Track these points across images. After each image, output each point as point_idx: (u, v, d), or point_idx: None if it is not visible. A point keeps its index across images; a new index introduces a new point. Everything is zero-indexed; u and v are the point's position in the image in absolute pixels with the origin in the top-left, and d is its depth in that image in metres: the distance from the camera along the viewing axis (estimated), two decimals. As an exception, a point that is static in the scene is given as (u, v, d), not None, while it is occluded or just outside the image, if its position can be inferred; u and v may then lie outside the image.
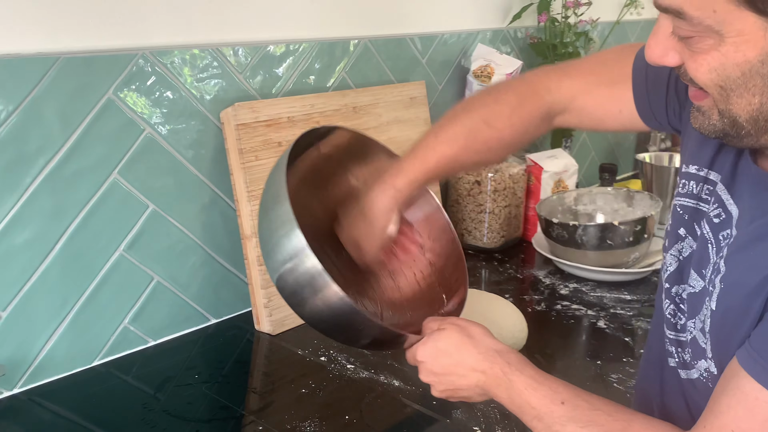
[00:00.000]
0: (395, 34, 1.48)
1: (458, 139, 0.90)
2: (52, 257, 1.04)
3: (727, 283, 0.67)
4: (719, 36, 0.59)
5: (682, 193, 0.78)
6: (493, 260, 1.53)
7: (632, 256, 1.43)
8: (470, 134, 0.91)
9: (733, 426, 0.62)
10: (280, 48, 1.27)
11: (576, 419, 0.71)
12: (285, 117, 1.23)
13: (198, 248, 1.21)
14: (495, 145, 0.91)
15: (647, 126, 0.86)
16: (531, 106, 0.92)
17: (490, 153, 0.92)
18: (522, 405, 0.75)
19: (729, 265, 0.67)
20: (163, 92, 1.12)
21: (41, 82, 0.99)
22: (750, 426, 0.61)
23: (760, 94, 0.60)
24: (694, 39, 0.60)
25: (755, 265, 0.64)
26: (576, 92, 0.91)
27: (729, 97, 0.62)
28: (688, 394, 0.76)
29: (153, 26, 1.11)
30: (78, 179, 1.04)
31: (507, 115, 0.91)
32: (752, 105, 0.61)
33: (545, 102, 0.92)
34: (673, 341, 0.78)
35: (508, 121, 0.91)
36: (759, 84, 0.59)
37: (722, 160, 0.74)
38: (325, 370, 1.10)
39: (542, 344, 1.18)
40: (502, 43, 1.73)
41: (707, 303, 0.70)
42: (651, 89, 0.83)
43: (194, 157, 1.18)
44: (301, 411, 0.99)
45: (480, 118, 0.91)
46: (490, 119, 0.91)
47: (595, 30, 1.88)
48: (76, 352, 1.09)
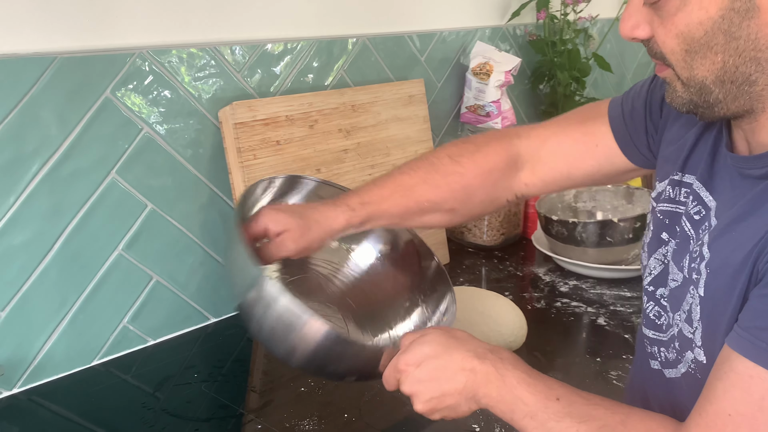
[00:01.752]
0: (394, 32, 1.48)
1: (419, 169, 0.91)
2: (51, 257, 1.04)
3: (713, 267, 0.67)
4: None
5: (661, 199, 0.79)
6: (493, 258, 1.52)
7: (632, 253, 1.43)
8: (431, 166, 0.91)
9: (731, 409, 0.60)
10: (278, 46, 1.27)
11: (573, 414, 0.68)
12: (283, 116, 1.23)
13: (197, 247, 1.21)
14: (456, 184, 0.90)
15: (626, 158, 0.87)
16: (497, 146, 0.92)
17: (450, 194, 0.91)
18: (514, 402, 0.71)
19: (713, 249, 0.67)
20: (161, 91, 1.12)
21: (38, 82, 0.98)
22: (747, 407, 0.59)
23: (723, 51, 0.61)
24: (662, 1, 0.62)
25: (738, 243, 0.64)
26: (547, 135, 0.92)
27: (694, 61, 0.63)
28: (673, 395, 0.75)
29: (150, 25, 1.10)
30: (76, 179, 1.04)
31: (471, 151, 0.92)
32: (716, 64, 0.62)
33: (513, 145, 0.92)
34: (654, 341, 0.78)
35: (471, 158, 0.91)
36: (721, 41, 0.61)
37: (695, 161, 0.75)
38: (325, 369, 1.10)
39: (542, 341, 1.18)
40: (501, 41, 1.72)
41: (692, 292, 0.70)
42: (629, 121, 0.85)
43: (192, 156, 1.18)
44: (300, 410, 0.99)
45: (445, 153, 0.92)
46: (454, 154, 0.92)
47: (594, 27, 1.88)
48: (75, 351, 1.09)
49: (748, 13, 0.59)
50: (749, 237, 0.63)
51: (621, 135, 0.87)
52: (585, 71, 1.78)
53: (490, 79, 1.55)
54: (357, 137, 1.34)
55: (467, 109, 1.60)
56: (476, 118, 1.59)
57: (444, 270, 0.96)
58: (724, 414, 0.60)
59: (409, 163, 0.92)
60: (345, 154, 1.31)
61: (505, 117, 1.57)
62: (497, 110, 1.56)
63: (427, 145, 1.46)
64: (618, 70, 2.11)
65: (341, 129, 1.31)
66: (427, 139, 1.46)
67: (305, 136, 1.25)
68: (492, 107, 1.56)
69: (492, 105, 1.56)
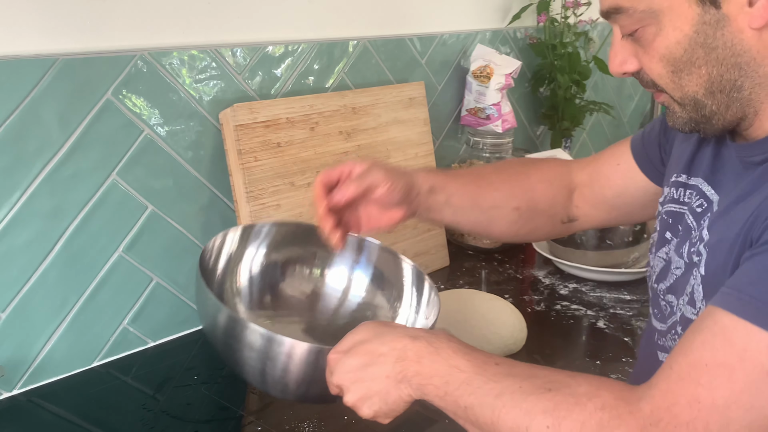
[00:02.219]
0: (394, 35, 1.48)
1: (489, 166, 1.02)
2: (52, 258, 1.04)
3: (711, 245, 0.68)
4: (657, 19, 0.65)
5: (666, 201, 0.82)
6: (493, 260, 1.53)
7: (632, 256, 1.43)
8: (500, 166, 1.01)
9: (709, 359, 0.57)
10: (279, 49, 1.27)
11: (514, 374, 0.63)
12: (284, 118, 1.23)
13: (197, 249, 1.21)
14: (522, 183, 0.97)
15: (643, 175, 0.92)
16: (556, 164, 1.01)
17: (517, 190, 0.96)
18: (449, 371, 0.65)
19: (712, 231, 0.69)
20: (162, 93, 1.12)
21: (40, 83, 0.99)
22: (727, 357, 0.56)
23: (705, 64, 0.65)
24: (639, 32, 0.67)
25: (734, 220, 0.65)
26: (589, 161, 1.00)
27: (681, 80, 0.67)
28: None
29: (152, 27, 1.11)
30: (77, 180, 1.05)
31: (534, 161, 1.03)
32: (702, 77, 0.66)
33: (568, 166, 1.01)
34: (663, 332, 0.78)
35: (534, 165, 1.01)
36: (701, 54, 0.65)
37: (699, 162, 0.78)
38: (325, 371, 1.10)
39: (542, 344, 1.18)
40: (501, 44, 1.73)
41: (694, 273, 0.71)
42: (646, 138, 0.92)
43: (193, 158, 1.18)
44: (300, 411, 0.99)
45: (511, 160, 1.06)
46: (519, 161, 1.04)
47: (594, 30, 1.88)
48: (75, 353, 1.09)
49: (719, 23, 0.63)
50: (745, 213, 0.64)
51: (638, 151, 0.92)
52: (585, 74, 1.78)
53: (491, 82, 1.55)
54: (357, 139, 1.34)
55: (467, 111, 1.60)
56: (477, 121, 1.59)
57: (423, 273, 0.95)
58: (701, 364, 0.57)
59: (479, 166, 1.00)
60: (346, 157, 1.32)
61: (505, 120, 1.58)
62: (497, 113, 1.56)
63: (428, 148, 1.46)
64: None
65: (342, 131, 1.32)
66: (427, 142, 1.46)
67: (306, 139, 1.26)
68: (492, 110, 1.56)
69: (492, 108, 1.56)
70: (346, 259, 1.01)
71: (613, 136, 2.18)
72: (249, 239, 0.97)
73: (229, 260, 0.96)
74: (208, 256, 0.91)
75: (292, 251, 1.01)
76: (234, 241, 0.96)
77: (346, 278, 1.02)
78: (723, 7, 0.63)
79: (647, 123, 2.25)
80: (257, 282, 0.98)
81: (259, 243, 0.98)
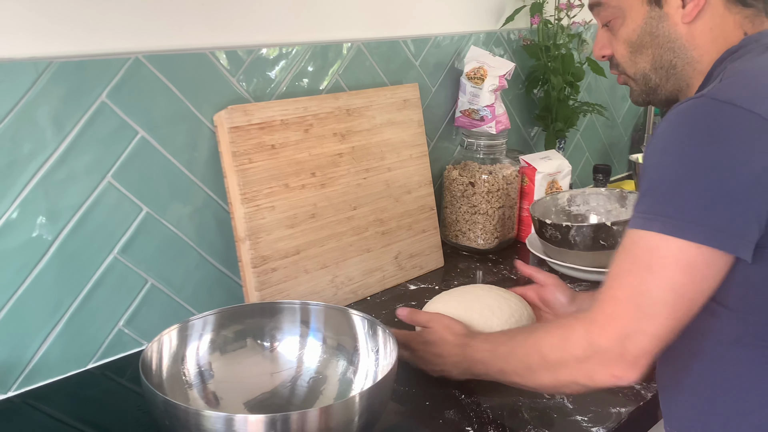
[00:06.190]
0: (388, 37, 1.49)
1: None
2: (46, 260, 1.04)
3: None
4: (623, 12, 0.92)
5: None
6: (488, 261, 1.53)
7: (625, 257, 1.43)
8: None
9: (627, 266, 0.76)
10: (273, 51, 1.27)
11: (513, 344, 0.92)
12: (278, 120, 1.23)
13: (192, 251, 1.21)
14: None
15: None
16: None
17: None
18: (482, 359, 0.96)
19: None
20: (157, 96, 1.12)
21: (34, 86, 0.99)
22: (635, 264, 0.75)
23: (651, 46, 0.92)
24: (612, 22, 0.95)
25: None
26: None
27: (636, 58, 0.94)
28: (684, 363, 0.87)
29: (146, 30, 1.11)
30: (71, 183, 1.05)
31: None
32: (649, 56, 0.93)
33: None
34: None
35: None
36: (648, 40, 0.92)
37: None
38: (319, 372, 1.10)
39: (536, 344, 1.18)
40: (495, 45, 1.73)
41: None
42: None
43: (188, 160, 1.18)
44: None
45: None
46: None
47: (588, 32, 1.89)
48: (70, 355, 1.09)
49: (661, 18, 0.90)
50: None
51: None
52: (579, 76, 1.79)
53: (485, 84, 1.56)
54: (352, 141, 1.34)
55: (462, 113, 1.61)
56: (471, 123, 1.60)
57: (373, 318, 0.97)
58: (622, 272, 0.77)
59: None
60: (340, 158, 1.32)
61: (499, 121, 1.58)
62: (491, 114, 1.57)
63: (422, 149, 1.46)
64: (611, 75, 2.12)
65: (336, 133, 1.32)
66: (421, 143, 1.47)
67: (300, 140, 1.26)
68: (486, 111, 1.57)
69: (486, 109, 1.57)
70: (294, 328, 1.02)
71: (606, 137, 2.19)
72: (187, 336, 0.98)
73: (173, 359, 0.95)
74: (150, 360, 0.90)
75: (237, 332, 1.02)
76: (173, 340, 0.96)
77: (297, 346, 1.02)
78: (664, 7, 0.89)
79: (640, 124, 2.27)
80: (206, 370, 0.98)
81: (200, 335, 0.99)
